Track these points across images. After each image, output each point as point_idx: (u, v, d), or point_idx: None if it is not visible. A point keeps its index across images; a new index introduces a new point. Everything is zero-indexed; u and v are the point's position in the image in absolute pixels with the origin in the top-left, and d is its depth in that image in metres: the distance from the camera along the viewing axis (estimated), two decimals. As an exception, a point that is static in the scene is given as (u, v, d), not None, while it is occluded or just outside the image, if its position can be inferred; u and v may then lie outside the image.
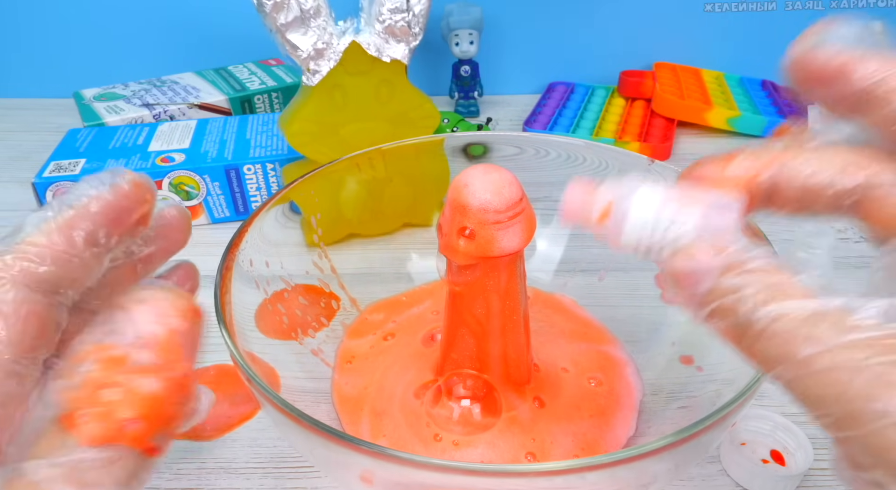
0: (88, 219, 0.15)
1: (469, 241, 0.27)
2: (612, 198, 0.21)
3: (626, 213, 0.19)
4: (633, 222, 0.19)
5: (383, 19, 0.43)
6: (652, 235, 0.19)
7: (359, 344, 0.37)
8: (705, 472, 0.32)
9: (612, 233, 0.20)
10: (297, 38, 0.42)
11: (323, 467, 0.27)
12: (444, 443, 0.30)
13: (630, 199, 0.20)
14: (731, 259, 0.15)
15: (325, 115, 0.45)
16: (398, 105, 0.47)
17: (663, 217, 0.19)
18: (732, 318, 0.15)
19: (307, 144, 0.46)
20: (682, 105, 0.67)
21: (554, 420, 0.32)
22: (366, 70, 0.45)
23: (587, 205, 0.21)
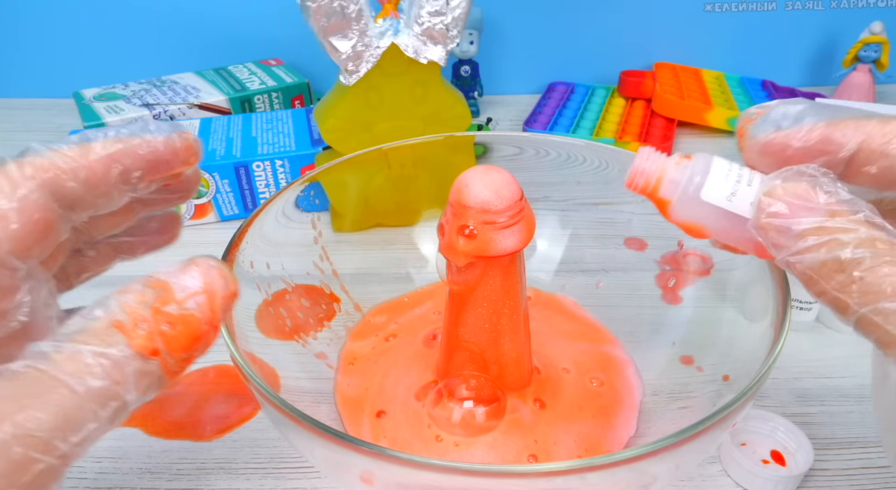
0: (132, 158, 0.17)
1: (469, 241, 0.27)
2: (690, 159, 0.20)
3: (711, 156, 0.20)
4: (719, 159, 0.19)
5: (422, 22, 0.44)
6: (741, 170, 0.19)
7: (361, 346, 0.37)
8: (705, 472, 0.32)
9: (698, 169, 0.20)
10: (338, 40, 0.43)
11: (323, 468, 0.27)
12: (446, 444, 0.30)
13: (710, 158, 0.20)
14: (840, 206, 0.16)
15: (359, 113, 0.47)
16: (432, 105, 0.48)
17: (745, 173, 0.19)
18: (837, 253, 0.16)
19: (341, 140, 0.48)
20: (682, 105, 0.67)
21: (556, 421, 0.32)
22: (402, 71, 0.46)
23: (660, 159, 0.21)
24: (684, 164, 0.20)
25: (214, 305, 0.16)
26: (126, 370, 0.14)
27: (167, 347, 0.14)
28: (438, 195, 0.44)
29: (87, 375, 0.13)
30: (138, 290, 0.15)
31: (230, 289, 0.16)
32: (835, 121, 0.18)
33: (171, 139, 0.17)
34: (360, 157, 0.38)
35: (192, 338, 0.15)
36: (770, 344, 0.24)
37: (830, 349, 0.40)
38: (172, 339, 0.15)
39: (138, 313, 0.14)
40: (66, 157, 0.16)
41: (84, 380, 0.13)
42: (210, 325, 0.15)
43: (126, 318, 0.14)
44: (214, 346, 0.36)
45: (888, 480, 0.32)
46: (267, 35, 0.73)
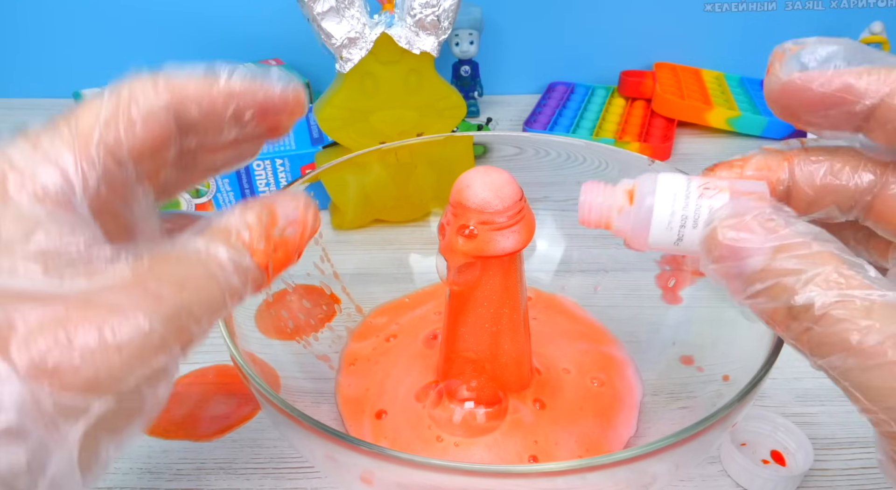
0: (249, 100, 0.18)
1: (468, 241, 0.27)
2: (632, 186, 0.20)
3: (653, 192, 0.19)
4: (662, 200, 0.19)
5: (414, 13, 0.45)
6: (685, 210, 0.18)
7: (362, 346, 0.37)
8: (705, 472, 0.32)
9: (639, 219, 0.19)
10: (332, 26, 0.44)
11: (323, 468, 0.27)
12: (446, 445, 0.30)
13: (655, 182, 0.19)
14: (785, 240, 0.15)
15: (355, 101, 0.47)
16: (426, 95, 0.48)
17: (692, 197, 0.18)
18: (784, 299, 0.15)
19: (338, 129, 0.48)
20: (682, 105, 0.67)
21: (556, 421, 0.32)
22: (396, 60, 0.46)
23: (607, 198, 0.21)
24: (625, 212, 0.20)
25: (304, 236, 0.18)
26: (249, 276, 0.16)
27: (272, 262, 0.17)
28: (438, 189, 0.45)
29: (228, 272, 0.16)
30: (256, 211, 0.17)
31: (316, 225, 0.19)
32: (862, 68, 0.17)
33: (286, 90, 0.19)
34: (360, 155, 0.38)
35: (284, 259, 0.18)
36: (770, 344, 0.24)
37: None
38: (276, 260, 0.17)
39: (257, 232, 0.17)
40: (195, 84, 0.18)
41: (227, 275, 0.16)
42: (296, 254, 0.18)
43: (247, 235, 0.16)
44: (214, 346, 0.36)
45: (888, 480, 0.32)
46: (267, 35, 0.73)
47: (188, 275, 0.15)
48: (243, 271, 0.16)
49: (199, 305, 0.15)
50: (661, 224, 0.19)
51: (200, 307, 0.15)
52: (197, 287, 0.15)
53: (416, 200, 0.45)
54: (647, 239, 0.19)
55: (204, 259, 0.15)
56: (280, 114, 0.19)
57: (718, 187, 0.18)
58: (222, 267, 0.16)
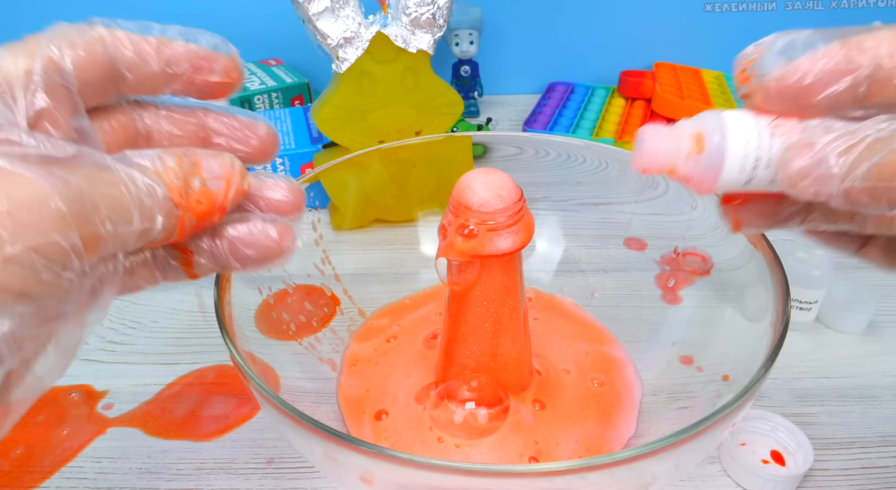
0: (183, 50, 0.19)
1: (467, 240, 0.27)
2: (698, 129, 0.19)
3: (725, 135, 0.18)
4: (735, 142, 0.18)
5: (409, 12, 0.45)
6: (758, 150, 0.18)
7: (363, 347, 0.37)
8: (705, 472, 0.32)
9: (711, 163, 0.18)
10: (327, 26, 0.44)
11: (323, 468, 0.27)
12: (447, 446, 0.30)
13: (723, 123, 0.18)
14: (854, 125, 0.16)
15: (353, 101, 0.47)
16: (423, 93, 0.48)
17: (764, 136, 0.18)
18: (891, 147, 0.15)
19: (336, 129, 0.48)
20: (682, 105, 0.67)
21: (556, 422, 0.32)
22: (392, 58, 0.46)
23: (672, 143, 0.19)
24: (693, 162, 0.19)
25: (228, 193, 0.18)
26: (162, 205, 0.16)
27: (188, 204, 0.17)
28: (437, 188, 0.45)
29: (141, 191, 0.16)
30: (178, 155, 0.17)
31: (243, 186, 0.18)
32: (848, 38, 0.17)
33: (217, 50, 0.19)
34: (360, 156, 0.39)
35: (208, 210, 0.17)
36: (770, 344, 0.24)
37: (830, 349, 0.40)
38: (193, 199, 0.17)
39: (174, 172, 0.17)
40: (127, 31, 0.18)
41: (140, 192, 0.16)
42: (220, 206, 0.18)
43: (164, 172, 0.17)
44: (214, 346, 0.36)
45: (888, 480, 0.32)
46: (267, 35, 0.73)
47: (100, 177, 0.15)
48: (156, 197, 0.16)
49: (106, 206, 0.15)
50: (734, 167, 0.18)
51: (107, 208, 0.15)
52: (106, 189, 0.15)
53: (416, 199, 0.45)
54: (717, 182, 0.19)
55: (118, 173, 0.15)
56: (213, 72, 0.19)
57: (788, 124, 0.18)
58: (135, 183, 0.16)
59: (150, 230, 0.16)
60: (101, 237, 0.15)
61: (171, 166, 0.17)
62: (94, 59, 0.18)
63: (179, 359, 0.40)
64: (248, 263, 0.20)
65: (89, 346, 0.41)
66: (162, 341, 0.41)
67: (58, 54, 0.17)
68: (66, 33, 0.18)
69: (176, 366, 0.39)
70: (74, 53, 0.17)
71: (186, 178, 0.17)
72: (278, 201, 0.20)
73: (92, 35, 0.18)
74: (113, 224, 0.15)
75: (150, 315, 0.43)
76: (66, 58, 0.17)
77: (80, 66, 0.17)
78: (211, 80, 0.19)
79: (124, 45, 0.18)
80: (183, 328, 0.42)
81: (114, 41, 0.18)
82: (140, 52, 0.18)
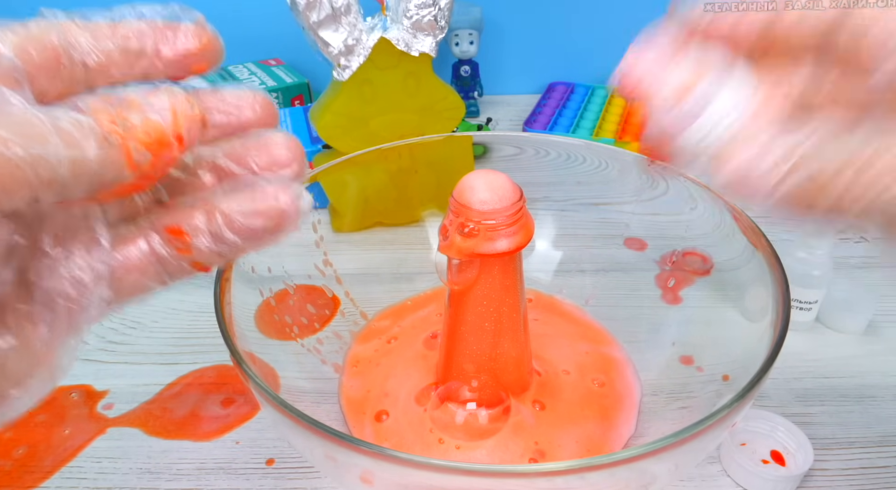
0: (138, 23, 0.17)
1: (467, 238, 0.27)
2: (695, 80, 0.18)
3: (708, 104, 0.17)
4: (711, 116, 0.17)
5: (410, 15, 0.44)
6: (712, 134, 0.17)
7: (364, 349, 0.37)
8: (705, 472, 0.32)
9: (680, 119, 0.18)
10: (329, 35, 0.43)
11: (323, 468, 0.27)
12: (448, 447, 0.30)
13: (719, 91, 0.18)
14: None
15: (354, 108, 0.47)
16: (425, 97, 0.48)
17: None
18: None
19: (338, 137, 0.48)
20: (682, 105, 0.67)
21: (556, 423, 0.32)
22: (394, 64, 0.46)
23: (661, 75, 0.19)
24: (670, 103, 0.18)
25: (178, 121, 0.16)
26: (89, 131, 0.14)
27: (128, 134, 0.15)
28: (438, 190, 0.45)
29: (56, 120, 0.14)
30: (104, 95, 0.15)
31: (195, 112, 0.16)
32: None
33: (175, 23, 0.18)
34: (360, 155, 0.38)
35: (157, 140, 0.15)
36: (770, 344, 0.24)
37: (830, 349, 0.40)
38: (134, 128, 0.15)
39: (99, 105, 0.15)
40: (76, 16, 0.17)
41: (55, 121, 0.14)
42: (175, 138, 0.16)
43: (87, 108, 0.15)
44: (214, 345, 0.36)
45: (888, 480, 0.32)
46: (267, 35, 0.73)
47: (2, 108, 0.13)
48: (78, 124, 0.14)
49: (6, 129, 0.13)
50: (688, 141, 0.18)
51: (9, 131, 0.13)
52: (8, 118, 0.13)
53: (417, 203, 0.45)
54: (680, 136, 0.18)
55: (25, 107, 0.14)
56: (179, 42, 0.18)
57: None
58: (50, 114, 0.14)
59: (84, 161, 0.14)
60: (10, 164, 0.13)
61: (93, 101, 0.15)
62: (40, 42, 0.16)
63: (179, 359, 0.40)
64: (249, 235, 0.17)
65: (89, 346, 0.41)
66: (162, 341, 0.41)
67: None
68: (4, 23, 0.16)
69: (176, 366, 0.39)
70: (16, 37, 0.16)
71: (120, 112, 0.15)
72: (274, 156, 0.18)
73: (37, 22, 0.16)
74: (23, 148, 0.13)
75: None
76: (5, 41, 0.16)
77: (21, 47, 0.16)
78: (181, 50, 0.18)
79: (75, 28, 0.17)
80: (183, 328, 0.42)
81: (63, 26, 0.17)
82: (93, 32, 0.17)
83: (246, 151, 0.18)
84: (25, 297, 0.16)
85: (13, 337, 0.15)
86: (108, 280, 0.17)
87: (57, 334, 0.16)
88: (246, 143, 0.18)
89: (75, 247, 0.16)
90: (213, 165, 0.19)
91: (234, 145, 0.19)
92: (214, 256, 0.18)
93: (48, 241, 0.16)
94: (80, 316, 0.16)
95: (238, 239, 0.17)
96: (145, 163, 0.15)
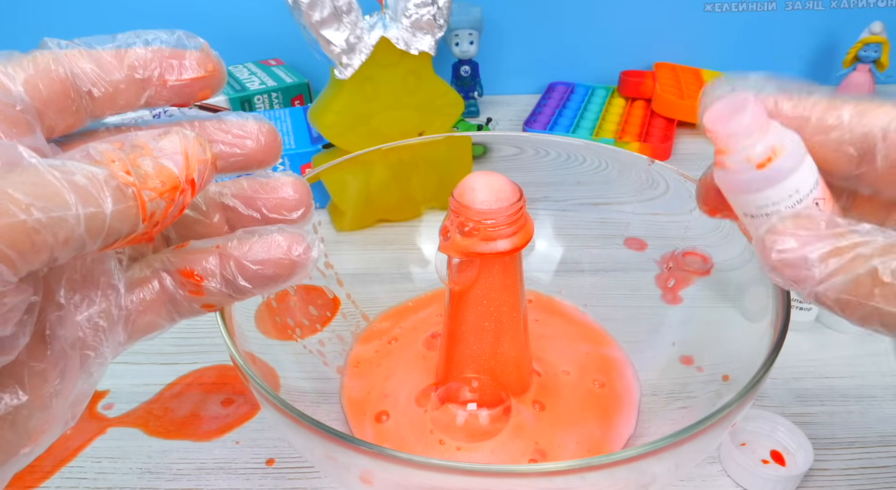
0: (145, 52, 0.17)
1: (466, 237, 0.27)
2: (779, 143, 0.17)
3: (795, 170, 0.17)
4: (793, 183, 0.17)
5: (410, 14, 0.45)
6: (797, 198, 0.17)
7: (365, 349, 0.37)
8: (705, 472, 0.32)
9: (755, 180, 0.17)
10: (331, 33, 0.44)
11: (323, 468, 0.27)
12: (448, 448, 0.30)
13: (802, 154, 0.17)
14: (842, 228, 0.16)
15: (356, 106, 0.47)
16: (425, 94, 0.49)
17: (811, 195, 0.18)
18: (867, 266, 0.15)
19: (341, 135, 0.48)
20: (682, 105, 0.67)
21: (557, 423, 0.32)
22: (394, 62, 0.47)
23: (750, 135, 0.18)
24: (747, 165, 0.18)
25: (190, 164, 0.15)
26: (105, 183, 0.14)
27: (142, 183, 0.14)
28: (438, 189, 0.45)
29: (72, 175, 0.13)
30: (114, 142, 0.15)
31: (207, 155, 0.16)
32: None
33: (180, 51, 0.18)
34: (360, 155, 0.39)
35: (171, 187, 0.15)
36: (770, 344, 0.24)
37: (830, 349, 0.40)
38: (148, 177, 0.15)
39: (112, 153, 0.14)
40: (80, 45, 0.17)
41: (68, 176, 0.13)
42: (188, 182, 0.15)
43: (100, 157, 0.14)
44: (214, 345, 0.36)
45: (888, 480, 0.32)
46: (267, 35, 0.73)
47: (14, 163, 0.13)
48: (94, 178, 0.14)
49: (25, 193, 0.12)
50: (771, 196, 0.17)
51: (27, 195, 0.12)
52: (25, 177, 0.13)
53: (419, 198, 0.45)
54: (742, 196, 0.18)
55: (39, 164, 0.13)
56: (185, 69, 0.18)
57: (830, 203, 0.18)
58: (64, 170, 0.13)
59: (101, 216, 0.14)
60: (30, 230, 0.12)
61: (106, 150, 0.14)
62: (48, 76, 0.16)
63: (179, 359, 0.40)
64: (261, 282, 0.18)
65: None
66: (162, 341, 0.41)
67: (4, 78, 0.15)
68: (11, 56, 0.16)
69: (176, 366, 0.39)
70: (25, 73, 0.16)
71: (132, 160, 0.15)
72: (281, 199, 0.19)
73: (43, 54, 0.16)
74: (41, 211, 0.12)
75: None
76: (15, 78, 0.16)
77: (31, 83, 0.16)
78: (186, 78, 0.18)
79: (81, 58, 0.16)
80: (183, 328, 0.41)
81: (68, 56, 0.16)
82: (99, 61, 0.17)
83: (254, 193, 0.19)
84: (41, 354, 0.15)
85: (25, 392, 0.15)
86: (124, 323, 0.17)
87: (69, 383, 0.16)
88: (253, 185, 0.19)
89: (91, 293, 0.16)
90: (222, 205, 0.19)
91: (241, 185, 0.19)
92: (225, 298, 0.18)
93: (63, 292, 0.16)
94: (94, 361, 0.16)
95: (250, 286, 0.18)
96: (159, 212, 0.15)
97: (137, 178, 0.14)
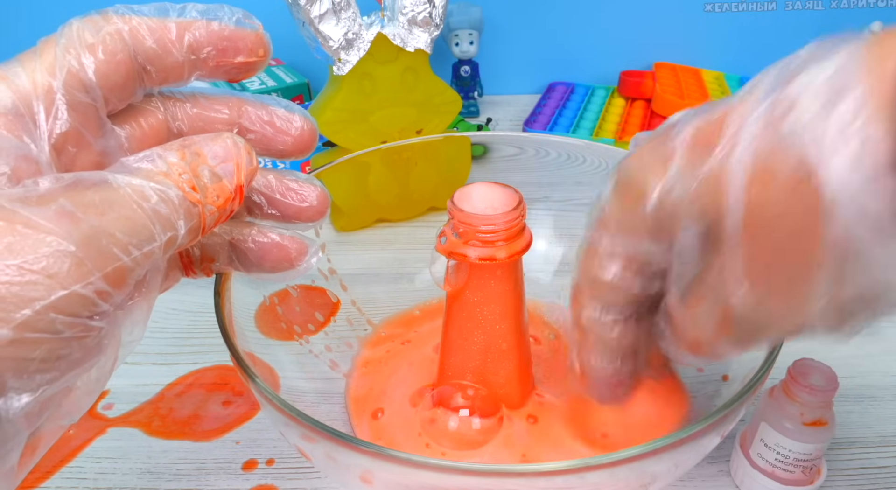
0: (206, 33, 0.18)
1: (458, 239, 0.28)
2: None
3: None
4: None
5: (406, 11, 0.45)
6: None
7: (375, 351, 0.37)
8: (705, 472, 0.32)
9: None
10: (329, 29, 0.44)
11: (323, 468, 0.27)
12: (433, 452, 0.30)
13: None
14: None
15: (354, 103, 0.47)
16: (422, 91, 0.49)
17: None
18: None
19: (339, 132, 0.48)
20: (682, 105, 0.67)
21: (548, 437, 0.31)
22: (392, 58, 0.47)
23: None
24: None
25: (240, 176, 0.17)
26: (179, 208, 0.15)
27: (204, 199, 0.16)
28: (437, 189, 0.45)
29: (154, 201, 0.15)
30: (178, 149, 0.16)
31: (253, 163, 0.17)
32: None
33: (242, 30, 0.18)
34: (360, 155, 0.39)
35: (224, 198, 0.16)
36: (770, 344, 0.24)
37: (830, 349, 0.40)
38: (207, 190, 0.16)
39: (180, 167, 0.16)
40: (146, 17, 0.17)
41: (153, 204, 0.14)
42: (236, 190, 0.17)
43: (170, 171, 0.15)
44: (214, 345, 0.36)
45: (888, 480, 0.32)
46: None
47: (110, 199, 0.14)
48: (170, 201, 0.15)
49: (123, 231, 0.14)
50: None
51: (125, 233, 0.14)
52: (118, 212, 0.14)
53: (419, 197, 0.46)
54: None
55: (124, 189, 0.14)
56: (238, 52, 0.18)
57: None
58: (146, 196, 0.14)
59: (175, 238, 0.15)
60: (126, 268, 0.14)
61: (174, 162, 0.15)
62: (115, 61, 0.16)
63: (179, 359, 0.40)
64: (257, 271, 0.20)
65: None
66: (162, 341, 0.41)
67: (77, 66, 0.16)
68: (81, 35, 0.16)
69: (176, 366, 0.39)
70: (96, 60, 0.16)
71: (194, 171, 0.16)
72: (304, 209, 0.20)
73: (109, 31, 0.16)
74: (136, 247, 0.14)
75: (151, 315, 0.43)
76: (87, 69, 0.16)
77: (101, 72, 0.16)
78: (237, 62, 0.18)
79: (145, 36, 0.17)
80: (183, 328, 0.42)
81: (133, 33, 0.17)
82: (161, 42, 0.17)
83: (282, 196, 0.20)
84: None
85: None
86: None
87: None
88: (282, 188, 0.20)
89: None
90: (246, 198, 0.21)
91: (269, 183, 0.20)
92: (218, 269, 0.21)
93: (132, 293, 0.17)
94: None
95: (244, 268, 0.20)
96: (211, 222, 0.16)
97: (203, 195, 0.16)
